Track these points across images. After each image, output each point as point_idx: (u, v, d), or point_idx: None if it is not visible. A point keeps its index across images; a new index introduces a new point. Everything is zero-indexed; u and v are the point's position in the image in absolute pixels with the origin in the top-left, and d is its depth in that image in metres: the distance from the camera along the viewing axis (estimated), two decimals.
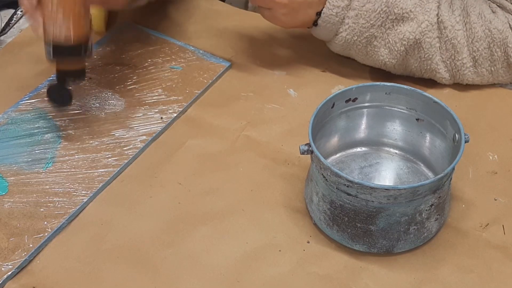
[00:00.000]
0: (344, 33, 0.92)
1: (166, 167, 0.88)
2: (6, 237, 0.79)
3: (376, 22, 0.91)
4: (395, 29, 0.91)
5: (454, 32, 0.91)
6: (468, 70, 0.94)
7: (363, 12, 0.90)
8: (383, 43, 0.92)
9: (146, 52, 1.03)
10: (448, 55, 0.93)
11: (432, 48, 0.92)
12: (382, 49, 0.93)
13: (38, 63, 1.02)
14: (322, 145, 0.83)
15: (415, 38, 0.91)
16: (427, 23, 0.91)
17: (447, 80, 0.96)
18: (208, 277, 0.76)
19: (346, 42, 0.93)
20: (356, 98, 0.83)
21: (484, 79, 0.96)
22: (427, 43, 0.92)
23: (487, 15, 0.92)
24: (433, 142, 0.83)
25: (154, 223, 0.82)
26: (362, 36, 0.92)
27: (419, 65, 0.94)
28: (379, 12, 0.90)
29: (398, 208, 0.73)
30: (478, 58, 0.93)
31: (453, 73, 0.95)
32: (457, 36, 0.92)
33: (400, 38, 0.91)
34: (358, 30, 0.91)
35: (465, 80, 0.95)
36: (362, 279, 0.76)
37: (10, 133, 0.91)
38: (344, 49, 0.95)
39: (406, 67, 0.95)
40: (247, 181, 0.86)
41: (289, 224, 0.81)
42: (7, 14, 1.13)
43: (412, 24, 0.91)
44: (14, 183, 0.85)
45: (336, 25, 0.92)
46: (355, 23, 0.91)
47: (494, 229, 0.80)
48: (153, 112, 0.94)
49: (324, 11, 0.91)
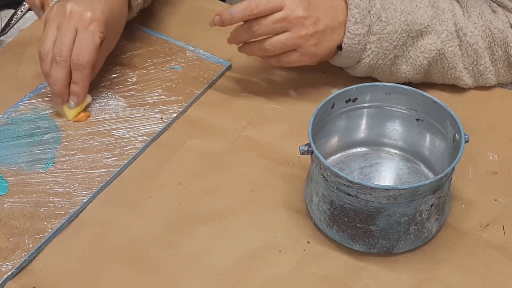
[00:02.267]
0: (367, 59, 0.91)
1: (166, 167, 0.88)
2: (6, 237, 0.79)
3: (398, 43, 0.90)
4: (416, 45, 0.91)
5: (474, 37, 0.91)
6: (491, 73, 0.94)
7: (385, 35, 0.89)
8: (404, 60, 0.92)
9: (146, 52, 1.03)
10: (470, 61, 0.93)
11: (455, 57, 0.92)
12: (404, 66, 0.92)
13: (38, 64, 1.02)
14: (322, 145, 0.83)
15: (437, 49, 0.91)
16: (447, 33, 0.90)
17: (469, 85, 0.96)
18: (208, 277, 0.76)
19: (370, 67, 0.92)
20: (356, 98, 0.83)
21: (499, 78, 0.96)
22: (450, 52, 0.91)
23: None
24: (433, 142, 0.83)
25: (154, 223, 0.82)
26: (386, 58, 0.91)
27: (442, 75, 0.94)
28: (400, 32, 0.89)
29: (398, 208, 0.73)
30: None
31: (475, 78, 0.95)
32: (478, 41, 0.91)
33: (422, 51, 0.91)
34: (382, 53, 0.90)
35: (487, 83, 0.96)
36: (362, 279, 0.76)
37: (10, 133, 0.91)
38: (368, 73, 0.94)
39: (428, 78, 0.95)
40: (247, 181, 0.86)
41: (289, 224, 0.81)
42: (7, 14, 1.13)
43: (431, 36, 0.90)
44: (14, 183, 0.85)
45: (359, 52, 0.90)
46: (378, 47, 0.90)
47: (494, 229, 0.80)
48: (153, 112, 0.94)
49: (345, 41, 0.89)
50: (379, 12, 0.89)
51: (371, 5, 0.89)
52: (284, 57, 0.90)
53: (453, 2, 0.93)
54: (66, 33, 0.88)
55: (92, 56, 0.88)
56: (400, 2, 0.90)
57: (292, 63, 0.91)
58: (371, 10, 0.89)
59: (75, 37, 0.88)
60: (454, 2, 0.93)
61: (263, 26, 0.87)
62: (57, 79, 0.88)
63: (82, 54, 0.88)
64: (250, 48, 0.91)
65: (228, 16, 0.86)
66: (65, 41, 0.87)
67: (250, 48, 0.90)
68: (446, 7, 0.91)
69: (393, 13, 0.89)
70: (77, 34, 0.88)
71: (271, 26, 0.87)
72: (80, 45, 0.88)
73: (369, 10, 0.89)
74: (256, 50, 0.90)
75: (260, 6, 0.86)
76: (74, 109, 0.92)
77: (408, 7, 0.90)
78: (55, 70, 0.88)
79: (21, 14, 1.13)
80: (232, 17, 0.86)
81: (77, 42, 0.88)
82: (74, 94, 0.90)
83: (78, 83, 0.89)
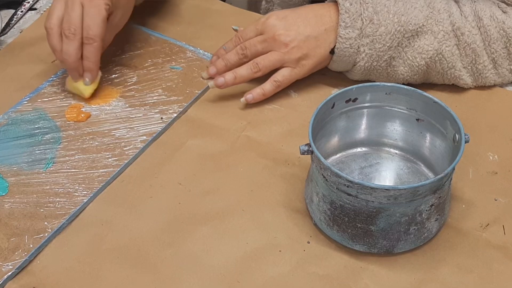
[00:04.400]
0: (362, 62, 0.92)
1: (166, 167, 0.88)
2: (7, 238, 0.79)
3: (393, 44, 0.90)
4: (412, 46, 0.91)
5: (472, 36, 0.92)
6: (490, 72, 0.94)
7: (377, 37, 0.90)
8: (401, 62, 0.92)
9: (146, 53, 1.03)
10: (469, 61, 0.93)
11: (453, 57, 0.92)
12: (401, 68, 0.92)
13: (38, 64, 1.02)
14: (322, 145, 0.83)
15: (434, 49, 0.91)
16: (443, 33, 0.91)
17: (469, 85, 0.96)
18: (208, 277, 0.76)
19: (366, 70, 0.93)
20: (356, 98, 0.83)
21: (505, 79, 0.96)
22: (448, 51, 0.92)
23: (499, 16, 0.92)
24: (433, 142, 0.83)
25: (154, 223, 0.82)
26: (381, 60, 0.92)
27: (441, 76, 0.94)
28: (393, 33, 0.90)
29: (398, 208, 0.73)
30: (497, 59, 0.94)
31: (475, 77, 0.95)
32: (475, 40, 0.92)
33: (419, 52, 0.91)
34: (376, 55, 0.91)
35: (487, 82, 0.96)
36: (362, 279, 0.76)
37: (11, 134, 0.91)
38: (365, 75, 0.95)
39: (427, 79, 0.96)
40: (247, 181, 0.86)
41: (289, 224, 0.81)
42: (7, 14, 1.13)
43: (428, 36, 0.91)
44: (15, 183, 0.85)
45: (353, 55, 0.92)
46: (371, 49, 0.91)
47: (494, 229, 0.80)
48: (153, 112, 0.94)
49: (337, 45, 0.91)
50: (371, 15, 0.90)
51: (362, 9, 0.90)
52: (277, 75, 0.94)
53: (450, 2, 0.93)
54: (74, 8, 0.89)
55: (100, 29, 0.90)
56: (393, 3, 0.91)
57: (285, 81, 0.95)
58: (363, 13, 0.90)
59: (82, 12, 0.90)
60: (451, 2, 0.93)
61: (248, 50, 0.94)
62: (69, 53, 0.90)
63: (91, 27, 0.89)
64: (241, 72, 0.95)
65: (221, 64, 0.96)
66: (73, 16, 0.89)
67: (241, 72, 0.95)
68: (442, 7, 0.92)
69: (386, 15, 0.90)
70: (84, 9, 0.90)
71: (257, 46, 0.94)
72: (88, 19, 0.89)
73: (361, 14, 0.90)
74: (247, 71, 0.94)
75: (247, 49, 0.95)
76: (90, 86, 0.93)
77: (402, 8, 0.91)
78: (66, 45, 0.90)
79: (21, 14, 1.13)
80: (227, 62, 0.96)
81: (84, 16, 0.89)
82: (87, 70, 0.92)
83: (89, 58, 0.91)
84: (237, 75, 0.94)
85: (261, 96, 0.95)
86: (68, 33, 0.89)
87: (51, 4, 0.92)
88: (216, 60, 0.98)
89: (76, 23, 0.89)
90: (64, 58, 0.90)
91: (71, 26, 0.89)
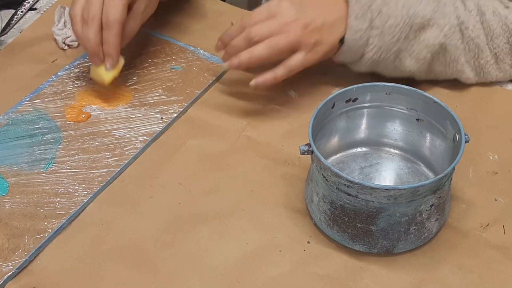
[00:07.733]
0: (371, 53, 0.91)
1: (167, 167, 0.88)
2: (7, 238, 0.79)
3: (401, 36, 0.90)
4: (418, 38, 0.91)
5: (476, 31, 0.92)
6: (492, 67, 0.95)
7: (386, 29, 0.89)
8: (408, 54, 0.92)
9: (146, 53, 1.03)
10: (472, 55, 0.93)
11: (457, 50, 0.92)
12: (408, 60, 0.92)
13: (38, 64, 1.02)
14: (322, 145, 0.83)
15: (439, 42, 0.91)
16: (449, 26, 0.91)
17: (472, 80, 0.96)
18: (208, 277, 0.76)
19: (374, 62, 0.92)
20: (357, 98, 0.83)
21: (507, 74, 0.96)
22: (452, 45, 0.92)
23: (501, 11, 0.93)
24: (433, 142, 0.83)
25: (155, 223, 0.82)
26: (389, 52, 0.91)
27: (444, 68, 0.94)
28: (402, 26, 0.90)
29: (398, 208, 0.73)
30: (499, 54, 0.94)
31: (477, 71, 0.95)
32: (479, 35, 0.92)
33: (425, 45, 0.91)
34: (385, 47, 0.91)
35: (489, 77, 0.96)
36: (362, 279, 0.76)
37: (11, 134, 0.91)
38: (372, 67, 0.94)
39: (431, 73, 0.95)
40: (248, 181, 0.86)
41: (289, 224, 0.81)
42: (7, 14, 1.13)
43: (434, 29, 0.91)
44: (15, 183, 0.85)
45: (362, 47, 0.91)
46: (380, 41, 0.90)
47: (495, 229, 0.80)
48: (154, 112, 0.94)
49: (346, 36, 0.90)
50: (380, 7, 0.90)
51: (372, 0, 0.90)
52: (290, 60, 0.90)
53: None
54: None
55: (119, 14, 0.90)
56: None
57: (298, 65, 0.91)
58: (372, 4, 0.90)
59: None
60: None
61: (260, 32, 0.89)
62: (88, 38, 0.90)
63: (109, 12, 0.89)
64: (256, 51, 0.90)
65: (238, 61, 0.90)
66: (93, 2, 0.90)
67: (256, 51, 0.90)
68: (448, 1, 0.92)
69: (395, 6, 0.90)
70: None
71: (270, 28, 0.89)
72: (107, 5, 0.90)
73: (370, 5, 0.89)
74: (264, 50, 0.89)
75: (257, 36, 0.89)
76: (110, 72, 0.93)
77: (410, 1, 0.91)
78: (85, 30, 0.90)
79: (21, 14, 1.13)
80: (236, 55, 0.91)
81: (105, 2, 0.90)
82: (107, 54, 0.92)
83: (109, 43, 0.91)
84: (252, 54, 0.90)
85: (272, 80, 0.91)
86: (86, 17, 0.90)
87: None
88: (221, 45, 0.95)
89: (95, 8, 0.90)
90: (84, 42, 0.91)
91: (90, 12, 0.90)
